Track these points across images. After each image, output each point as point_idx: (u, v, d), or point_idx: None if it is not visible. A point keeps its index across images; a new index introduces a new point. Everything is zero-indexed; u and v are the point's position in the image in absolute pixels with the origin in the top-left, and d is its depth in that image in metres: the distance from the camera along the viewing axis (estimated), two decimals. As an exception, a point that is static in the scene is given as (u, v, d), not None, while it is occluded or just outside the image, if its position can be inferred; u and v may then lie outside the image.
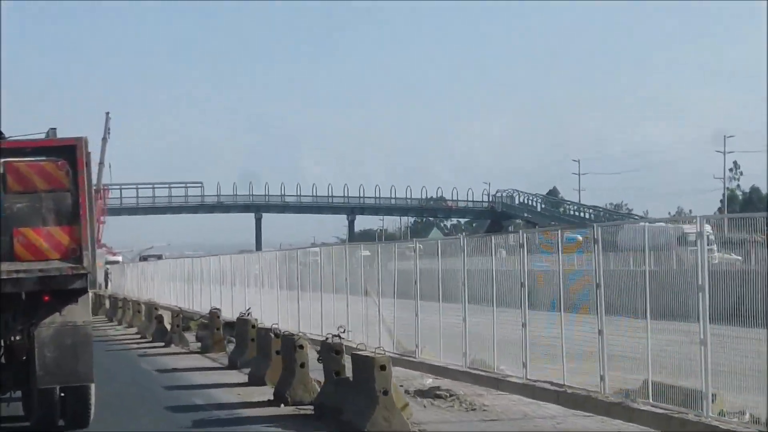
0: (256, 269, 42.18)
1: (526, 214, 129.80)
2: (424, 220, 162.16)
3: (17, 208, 15.79)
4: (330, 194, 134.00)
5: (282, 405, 19.11)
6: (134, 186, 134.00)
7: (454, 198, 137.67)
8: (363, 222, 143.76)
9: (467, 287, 22.88)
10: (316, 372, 19.21)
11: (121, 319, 44.88)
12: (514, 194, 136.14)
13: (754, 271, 15.03)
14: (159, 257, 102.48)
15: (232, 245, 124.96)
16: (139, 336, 38.32)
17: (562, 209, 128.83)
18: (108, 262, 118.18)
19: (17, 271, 15.61)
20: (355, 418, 15.77)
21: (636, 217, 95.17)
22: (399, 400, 16.37)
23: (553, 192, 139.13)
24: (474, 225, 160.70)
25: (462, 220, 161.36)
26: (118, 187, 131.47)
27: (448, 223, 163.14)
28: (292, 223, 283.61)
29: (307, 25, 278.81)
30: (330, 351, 17.87)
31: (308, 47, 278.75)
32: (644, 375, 16.55)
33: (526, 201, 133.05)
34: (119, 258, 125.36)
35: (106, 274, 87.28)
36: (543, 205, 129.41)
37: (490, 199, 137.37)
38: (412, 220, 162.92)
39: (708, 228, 16.23)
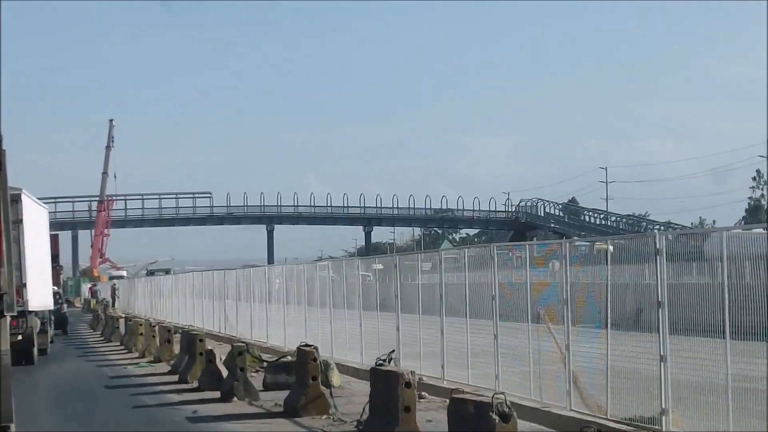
0: (300, 285, 35.01)
1: (552, 224, 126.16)
2: (432, 232, 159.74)
3: None
4: (345, 204, 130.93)
5: None
6: (140, 197, 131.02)
7: (475, 208, 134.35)
8: (376, 234, 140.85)
9: (498, 302, 19.85)
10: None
11: (144, 350, 36.00)
12: (539, 203, 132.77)
13: None
14: (167, 271, 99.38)
15: (238, 260, 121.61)
16: (176, 379, 27.37)
17: (587, 218, 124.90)
18: (112, 277, 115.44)
19: None
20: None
21: (662, 227, 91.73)
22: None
23: (574, 202, 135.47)
24: (483, 238, 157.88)
25: (471, 232, 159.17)
26: (123, 197, 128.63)
27: (457, 236, 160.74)
28: (303, 235, 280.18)
29: (319, 35, 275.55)
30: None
31: (321, 55, 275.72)
32: None
33: (552, 211, 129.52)
34: (123, 272, 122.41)
35: (113, 291, 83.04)
36: (569, 215, 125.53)
37: (513, 209, 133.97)
38: (420, 232, 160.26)
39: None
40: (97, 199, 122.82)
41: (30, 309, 30.78)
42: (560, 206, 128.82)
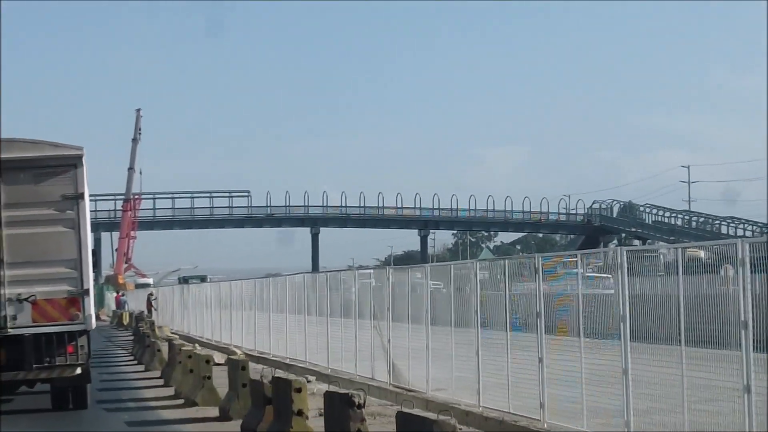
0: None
1: (633, 228, 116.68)
2: (466, 240, 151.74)
3: None
4: (399, 205, 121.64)
5: None
6: (170, 195, 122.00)
7: (544, 210, 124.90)
8: (406, 242, 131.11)
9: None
10: None
11: (222, 399, 22.68)
12: (613, 205, 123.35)
13: None
14: (203, 279, 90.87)
15: (261, 269, 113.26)
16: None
17: (673, 220, 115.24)
18: (138, 285, 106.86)
19: None
20: None
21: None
22: None
23: (630, 206, 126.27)
24: (519, 246, 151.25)
25: (506, 240, 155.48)
26: (150, 196, 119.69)
27: (491, 244, 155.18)
28: (350, 240, 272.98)
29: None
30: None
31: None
32: None
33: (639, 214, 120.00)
34: (150, 280, 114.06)
35: (150, 301, 69.80)
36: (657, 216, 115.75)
37: (586, 212, 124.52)
38: (456, 239, 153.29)
39: None
40: (123, 197, 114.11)
41: (92, 327, 22.38)
42: (643, 207, 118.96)
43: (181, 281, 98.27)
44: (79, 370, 22.10)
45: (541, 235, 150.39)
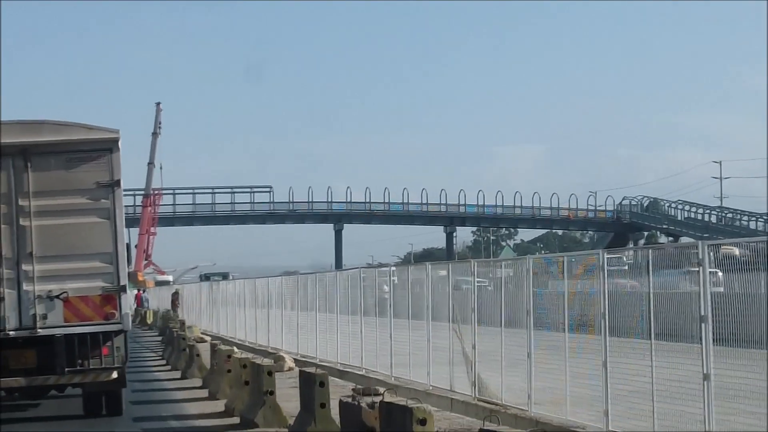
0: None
1: (665, 225, 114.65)
2: (486, 238, 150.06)
3: None
4: (424, 201, 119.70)
5: None
6: (190, 191, 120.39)
7: (572, 206, 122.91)
8: (429, 238, 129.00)
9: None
10: None
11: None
12: (643, 201, 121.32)
13: None
14: (225, 276, 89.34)
15: (278, 267, 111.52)
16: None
17: (706, 216, 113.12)
18: (158, 283, 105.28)
19: None
20: None
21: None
22: None
23: (655, 203, 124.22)
24: (539, 244, 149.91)
25: (526, 238, 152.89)
26: (171, 191, 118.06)
27: (511, 243, 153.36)
28: (367, 237, 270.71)
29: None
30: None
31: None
32: None
33: (664, 210, 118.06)
34: (170, 278, 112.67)
35: (175, 298, 67.49)
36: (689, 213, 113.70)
37: (615, 208, 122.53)
38: (471, 238, 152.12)
39: None
40: (143, 192, 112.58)
41: (129, 327, 20.49)
42: (674, 204, 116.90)
43: (203, 278, 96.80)
44: (115, 374, 20.24)
45: (560, 233, 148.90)
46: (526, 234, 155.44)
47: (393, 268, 30.69)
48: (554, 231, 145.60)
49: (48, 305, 19.83)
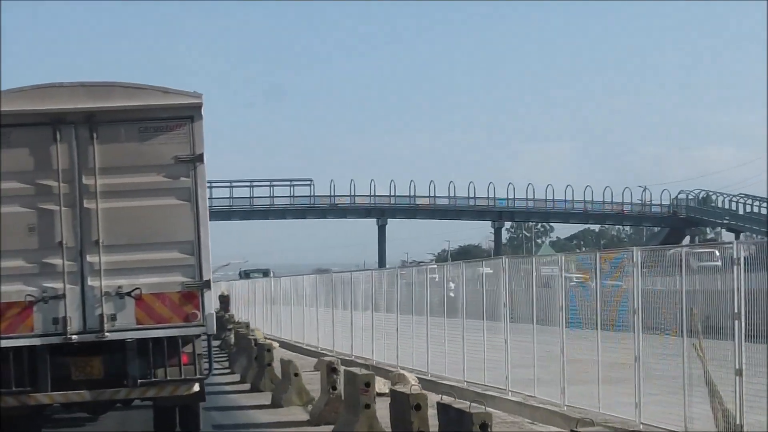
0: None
1: (726, 219, 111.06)
2: (520, 235, 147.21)
3: None
4: (471, 195, 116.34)
5: None
6: (227, 184, 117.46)
7: (626, 201, 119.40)
8: (467, 233, 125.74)
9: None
10: None
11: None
12: (701, 195, 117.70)
13: None
14: (265, 273, 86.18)
15: (312, 264, 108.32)
16: None
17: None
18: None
19: None
20: None
21: None
22: None
23: (708, 198, 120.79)
24: (575, 242, 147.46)
25: (562, 235, 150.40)
26: (208, 185, 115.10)
27: (547, 240, 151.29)
28: (402, 233, 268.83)
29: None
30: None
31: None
32: None
33: (725, 204, 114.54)
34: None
35: (225, 298, 61.18)
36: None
37: (671, 202, 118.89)
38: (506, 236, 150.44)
39: None
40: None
41: (213, 330, 17.31)
42: (735, 198, 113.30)
43: (243, 276, 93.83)
44: (196, 387, 17.12)
45: (597, 230, 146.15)
46: (561, 231, 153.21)
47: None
48: (590, 228, 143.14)
49: (117, 304, 16.62)
